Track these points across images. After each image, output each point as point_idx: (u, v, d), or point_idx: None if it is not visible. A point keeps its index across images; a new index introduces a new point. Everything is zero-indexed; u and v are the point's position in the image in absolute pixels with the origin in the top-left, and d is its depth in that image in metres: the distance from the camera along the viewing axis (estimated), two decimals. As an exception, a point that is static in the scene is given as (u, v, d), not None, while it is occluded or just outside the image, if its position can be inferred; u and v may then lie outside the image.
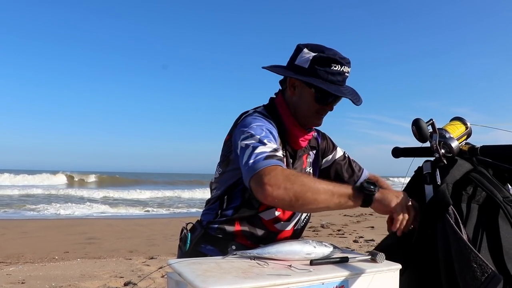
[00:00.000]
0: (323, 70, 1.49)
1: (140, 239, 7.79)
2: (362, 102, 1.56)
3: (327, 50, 1.52)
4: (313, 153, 1.77)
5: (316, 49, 1.52)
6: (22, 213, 12.73)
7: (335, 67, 1.49)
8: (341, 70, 1.50)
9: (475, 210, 1.36)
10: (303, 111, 1.58)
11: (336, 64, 1.49)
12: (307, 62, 1.51)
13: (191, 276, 1.04)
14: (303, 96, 1.56)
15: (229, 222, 1.57)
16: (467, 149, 1.48)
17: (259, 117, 1.51)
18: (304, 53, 1.53)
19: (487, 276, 1.16)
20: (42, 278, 4.91)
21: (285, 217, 1.61)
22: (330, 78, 1.50)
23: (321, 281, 1.10)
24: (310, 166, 1.73)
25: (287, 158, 1.60)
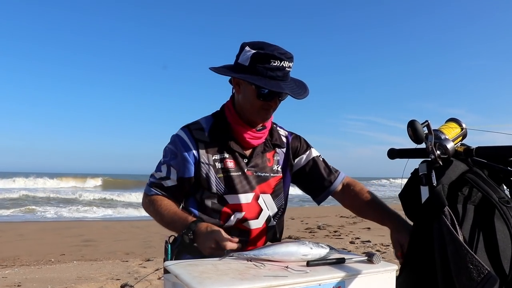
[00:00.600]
0: (262, 67, 1.51)
1: (137, 241, 7.77)
2: (306, 95, 1.59)
3: (267, 46, 1.54)
4: (282, 151, 1.77)
5: (256, 46, 1.55)
6: (18, 216, 12.68)
7: (274, 62, 1.51)
8: (280, 65, 1.52)
9: (471, 211, 1.36)
10: (248, 108, 1.61)
11: (275, 59, 1.51)
12: (248, 60, 1.53)
13: (188, 278, 1.04)
14: (246, 93, 1.59)
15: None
16: (462, 150, 1.48)
17: (178, 137, 1.66)
18: (245, 51, 1.55)
19: (483, 277, 1.16)
20: (38, 280, 4.89)
21: (251, 216, 1.64)
22: (269, 74, 1.52)
23: (318, 282, 1.10)
24: (278, 163, 1.75)
25: (236, 158, 1.65)
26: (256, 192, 1.65)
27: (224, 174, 1.62)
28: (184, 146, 1.62)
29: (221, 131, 1.65)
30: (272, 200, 1.71)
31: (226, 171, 1.62)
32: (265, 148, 1.71)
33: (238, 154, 1.65)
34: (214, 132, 1.65)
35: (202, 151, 1.62)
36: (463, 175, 1.41)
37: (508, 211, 1.32)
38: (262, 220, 1.67)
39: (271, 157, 1.73)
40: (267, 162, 1.71)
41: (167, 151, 1.67)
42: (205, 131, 1.65)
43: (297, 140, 1.83)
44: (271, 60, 1.51)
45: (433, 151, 1.43)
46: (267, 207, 1.69)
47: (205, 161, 1.61)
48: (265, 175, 1.69)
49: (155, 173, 1.67)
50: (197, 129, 1.65)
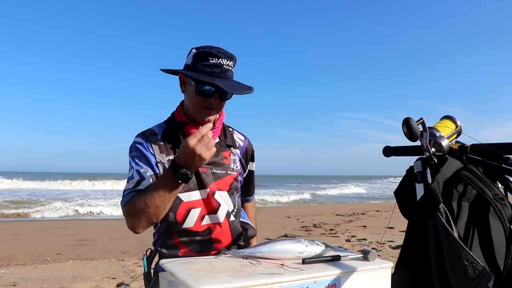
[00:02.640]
0: (201, 64, 1.58)
1: (133, 240, 7.75)
2: (243, 93, 1.62)
3: (210, 47, 1.61)
4: (237, 152, 1.82)
5: (200, 47, 1.63)
6: (13, 215, 12.64)
7: (212, 59, 1.58)
8: (218, 62, 1.58)
9: (465, 208, 1.37)
10: (191, 105, 1.65)
11: (213, 57, 1.57)
12: (191, 59, 1.62)
13: (184, 275, 1.04)
14: (188, 91, 1.65)
15: (168, 237, 1.66)
16: (457, 147, 1.49)
17: (137, 144, 1.65)
18: (191, 52, 1.64)
19: (478, 273, 1.17)
20: (34, 280, 4.88)
21: (209, 211, 1.66)
22: (207, 70, 1.58)
23: (314, 280, 1.10)
24: (235, 162, 1.79)
25: None
26: (211, 188, 1.67)
27: None
28: (144, 148, 1.65)
29: (172, 134, 1.69)
30: (228, 197, 1.73)
31: None
32: (219, 147, 1.74)
33: None
34: (166, 135, 1.70)
35: (157, 151, 1.65)
36: (458, 172, 1.42)
37: (503, 208, 1.33)
38: (222, 214, 1.68)
39: (228, 156, 1.77)
40: (224, 160, 1.74)
41: (132, 159, 1.65)
42: (158, 135, 1.69)
43: (251, 147, 1.91)
44: (210, 58, 1.57)
45: (428, 149, 1.43)
46: (225, 203, 1.71)
47: (160, 160, 1.64)
48: (221, 172, 1.72)
49: (127, 184, 1.61)
50: (150, 134, 1.69)
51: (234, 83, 1.62)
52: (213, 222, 1.66)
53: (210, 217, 1.66)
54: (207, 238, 1.64)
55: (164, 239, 1.68)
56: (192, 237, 1.64)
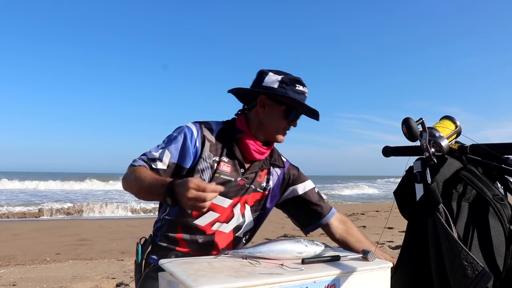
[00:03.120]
0: (290, 90, 1.68)
1: (132, 240, 7.73)
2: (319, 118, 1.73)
3: (289, 74, 1.72)
4: (276, 172, 1.84)
5: (280, 72, 1.72)
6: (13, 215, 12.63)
7: (299, 87, 1.69)
8: (303, 89, 1.71)
9: (465, 208, 1.37)
10: (271, 127, 1.73)
11: (299, 84, 1.70)
12: (276, 82, 1.69)
13: (183, 275, 1.04)
14: (272, 113, 1.71)
15: (172, 228, 1.67)
16: (456, 147, 1.49)
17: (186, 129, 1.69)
18: (270, 76, 1.71)
19: (478, 274, 1.17)
20: (34, 280, 4.88)
21: (223, 219, 1.68)
22: (297, 96, 1.68)
23: (313, 280, 1.10)
24: (268, 182, 1.80)
25: (235, 165, 1.71)
26: (235, 200, 1.69)
27: (217, 175, 1.66)
28: (191, 137, 1.67)
29: (227, 137, 1.73)
30: (250, 213, 1.76)
31: (219, 173, 1.67)
32: (263, 165, 1.79)
33: (237, 162, 1.72)
34: (221, 136, 1.73)
35: (206, 148, 1.68)
36: (458, 172, 1.42)
37: (502, 208, 1.33)
38: (231, 226, 1.70)
39: (263, 175, 1.79)
40: (258, 177, 1.76)
41: (170, 137, 1.69)
42: (214, 132, 1.73)
43: (295, 169, 1.89)
44: (297, 85, 1.69)
45: (427, 149, 1.43)
46: (242, 217, 1.73)
47: (206, 157, 1.66)
48: (252, 187, 1.74)
49: (148, 152, 1.66)
50: (206, 128, 1.73)
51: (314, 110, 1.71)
52: (221, 229, 1.67)
53: (221, 224, 1.67)
54: (209, 242, 1.65)
55: (167, 229, 1.68)
56: (196, 236, 1.65)
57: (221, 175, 1.67)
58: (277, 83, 1.68)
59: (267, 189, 1.79)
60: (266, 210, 1.84)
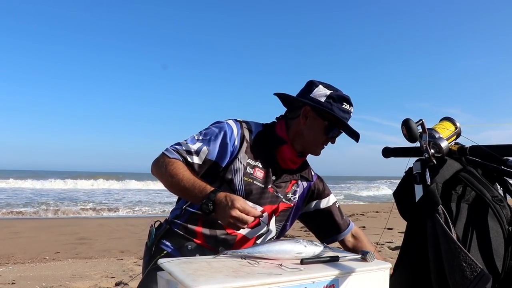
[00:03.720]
0: (337, 106, 1.66)
1: (131, 239, 7.75)
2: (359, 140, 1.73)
3: (339, 90, 1.71)
4: (303, 185, 1.84)
5: (330, 87, 1.70)
6: (12, 213, 12.63)
7: (345, 106, 1.68)
8: (349, 109, 1.69)
9: (464, 209, 1.37)
10: (310, 139, 1.71)
11: (347, 103, 1.68)
12: (324, 96, 1.67)
13: (182, 275, 1.04)
14: (314, 126, 1.69)
15: (192, 220, 1.65)
16: (456, 149, 1.49)
17: (226, 126, 1.67)
18: (320, 88, 1.69)
19: (477, 275, 1.17)
20: (33, 278, 4.87)
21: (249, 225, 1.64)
22: (341, 114, 1.67)
23: (312, 280, 1.10)
24: (294, 194, 1.80)
25: (268, 172, 1.70)
26: (265, 208, 1.69)
27: (249, 179, 1.66)
28: (231, 135, 1.65)
29: (265, 142, 1.72)
30: (274, 222, 1.76)
31: (252, 178, 1.66)
32: (293, 176, 1.78)
33: (271, 169, 1.71)
34: (259, 139, 1.72)
35: (243, 149, 1.67)
36: (457, 173, 1.42)
37: (501, 210, 1.33)
38: (255, 233, 1.70)
39: (291, 186, 1.78)
40: (286, 188, 1.76)
41: (210, 131, 1.66)
42: (253, 134, 1.72)
43: (321, 183, 1.90)
44: (344, 103, 1.67)
45: (427, 150, 1.44)
46: (267, 226, 1.73)
47: (241, 159, 1.65)
48: (280, 197, 1.74)
49: (184, 143, 1.63)
50: (246, 128, 1.72)
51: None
52: (244, 233, 1.67)
53: (246, 229, 1.65)
54: (228, 241, 1.64)
55: (187, 220, 1.66)
56: (216, 232, 1.63)
57: (254, 180, 1.66)
58: (324, 97, 1.66)
59: (293, 201, 1.79)
60: (290, 222, 1.84)
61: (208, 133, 1.65)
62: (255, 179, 1.66)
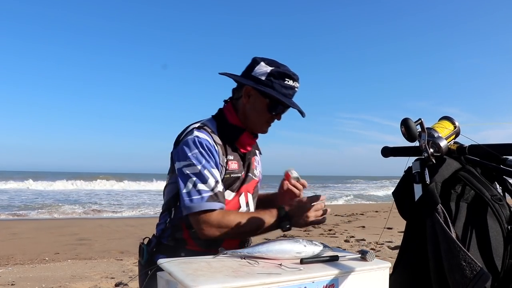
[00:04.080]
0: (278, 83, 1.63)
1: (131, 240, 7.75)
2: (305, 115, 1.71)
3: (282, 65, 1.67)
4: (259, 156, 1.89)
5: (272, 64, 1.66)
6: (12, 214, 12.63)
7: (288, 81, 1.64)
8: (293, 84, 1.65)
9: (464, 208, 1.37)
10: (255, 119, 1.70)
11: (289, 79, 1.64)
12: (265, 74, 1.64)
13: (182, 275, 1.04)
14: (256, 105, 1.67)
15: (177, 229, 1.66)
16: (455, 148, 1.49)
17: (201, 139, 1.59)
18: (261, 66, 1.65)
19: (476, 274, 1.17)
20: (32, 279, 4.88)
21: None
22: (283, 91, 1.63)
23: (311, 280, 1.10)
24: (257, 168, 1.84)
25: (239, 161, 1.72)
26: (240, 191, 1.71)
27: (227, 176, 1.66)
28: (212, 146, 1.61)
29: (226, 134, 1.71)
30: (252, 200, 1.78)
31: (229, 173, 1.67)
32: (250, 152, 1.79)
33: (240, 157, 1.72)
34: (221, 135, 1.70)
35: (220, 153, 1.65)
36: (456, 173, 1.42)
37: (501, 209, 1.33)
38: None
39: (254, 161, 1.81)
40: (251, 165, 1.78)
41: (199, 155, 1.58)
42: (216, 133, 1.67)
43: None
44: (286, 79, 1.63)
45: (426, 149, 1.44)
46: (247, 206, 1.74)
47: (220, 163, 1.65)
48: (249, 176, 1.76)
49: (202, 184, 1.55)
50: (212, 132, 1.66)
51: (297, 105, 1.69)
52: None
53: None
54: (217, 241, 1.60)
55: (173, 231, 1.67)
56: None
57: (232, 174, 1.67)
58: (265, 75, 1.63)
59: (258, 175, 1.83)
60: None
61: (199, 157, 1.58)
62: (232, 172, 1.68)
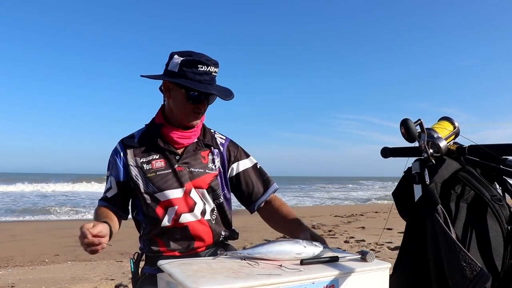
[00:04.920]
0: (190, 72, 1.62)
1: (131, 241, 7.69)
2: (232, 97, 1.68)
3: (195, 54, 1.66)
4: (218, 152, 1.82)
5: (184, 54, 1.66)
6: (11, 216, 12.62)
7: (201, 68, 1.62)
8: (207, 70, 1.63)
9: (463, 209, 1.37)
10: (179, 111, 1.69)
11: (202, 65, 1.62)
12: (177, 66, 1.64)
13: (182, 276, 1.04)
14: (176, 97, 1.68)
15: (151, 242, 1.74)
16: (455, 148, 1.49)
17: (114, 150, 1.76)
18: (174, 58, 1.66)
19: (476, 274, 1.17)
20: (32, 281, 4.87)
21: (185, 209, 1.69)
22: (197, 78, 1.62)
23: (312, 281, 1.10)
24: (214, 162, 1.79)
25: (166, 157, 1.72)
26: (187, 187, 1.70)
27: (152, 174, 1.69)
28: (116, 153, 1.74)
29: (150, 135, 1.75)
30: (207, 195, 1.75)
31: (154, 171, 1.70)
32: (197, 146, 1.78)
33: (168, 152, 1.72)
34: (144, 138, 1.76)
35: (130, 155, 1.72)
36: (456, 173, 1.42)
37: (500, 209, 1.33)
38: (197, 212, 1.70)
39: (206, 156, 1.78)
40: (201, 159, 1.76)
41: (108, 163, 1.78)
42: (135, 138, 1.76)
43: (234, 147, 1.88)
44: (199, 66, 1.62)
45: (426, 150, 1.44)
46: (203, 201, 1.74)
47: (133, 163, 1.71)
48: (199, 171, 1.73)
49: (105, 187, 1.78)
50: (128, 138, 1.78)
51: (222, 89, 1.68)
52: (190, 220, 1.69)
53: (187, 215, 1.69)
54: (187, 235, 1.68)
55: (148, 243, 1.75)
56: (172, 236, 1.69)
57: (157, 172, 1.69)
58: (177, 66, 1.63)
59: (215, 169, 1.78)
60: (226, 190, 1.82)
61: (108, 166, 1.78)
62: (157, 170, 1.69)
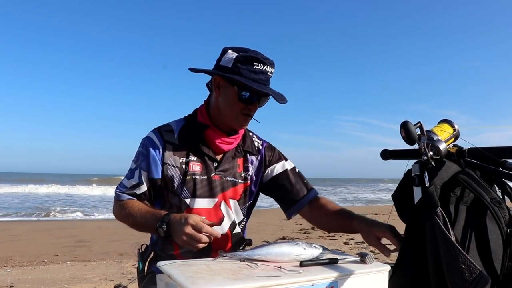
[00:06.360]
0: (245, 69, 1.51)
1: (130, 242, 7.72)
2: (286, 102, 1.57)
3: (251, 51, 1.55)
4: (253, 159, 1.75)
5: (240, 49, 1.56)
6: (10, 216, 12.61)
7: (257, 66, 1.51)
8: (263, 69, 1.52)
9: (463, 211, 1.37)
10: (227, 111, 1.59)
11: (258, 63, 1.51)
12: (231, 61, 1.53)
13: (181, 277, 1.04)
14: (227, 96, 1.57)
15: (166, 244, 1.63)
16: (455, 151, 1.49)
17: (147, 141, 1.64)
18: (228, 53, 1.56)
19: (475, 277, 1.17)
20: (31, 281, 4.87)
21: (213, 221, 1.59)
22: (252, 76, 1.51)
23: (311, 282, 1.10)
24: (247, 170, 1.72)
25: (205, 162, 1.63)
26: (219, 198, 1.63)
27: (188, 177, 1.60)
28: (153, 146, 1.61)
29: (191, 134, 1.64)
30: (238, 207, 1.70)
31: (190, 174, 1.61)
32: (236, 153, 1.70)
33: (207, 157, 1.64)
34: (184, 134, 1.64)
35: (169, 152, 1.61)
36: (456, 176, 1.42)
37: (500, 212, 1.33)
38: (226, 226, 1.65)
39: (241, 164, 1.71)
40: (237, 167, 1.69)
41: (138, 154, 1.65)
42: (175, 133, 1.64)
43: (271, 150, 1.81)
44: (255, 63, 1.51)
45: (425, 152, 1.44)
46: (233, 213, 1.68)
47: (171, 163, 1.60)
48: (234, 180, 1.67)
49: (127, 180, 1.64)
50: (166, 131, 1.64)
51: (276, 92, 1.57)
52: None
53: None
54: (207, 247, 1.57)
55: (162, 246, 1.65)
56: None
57: (193, 176, 1.60)
58: (231, 62, 1.53)
59: (248, 178, 1.71)
60: (253, 197, 1.77)
61: (138, 157, 1.64)
62: (194, 173, 1.61)
